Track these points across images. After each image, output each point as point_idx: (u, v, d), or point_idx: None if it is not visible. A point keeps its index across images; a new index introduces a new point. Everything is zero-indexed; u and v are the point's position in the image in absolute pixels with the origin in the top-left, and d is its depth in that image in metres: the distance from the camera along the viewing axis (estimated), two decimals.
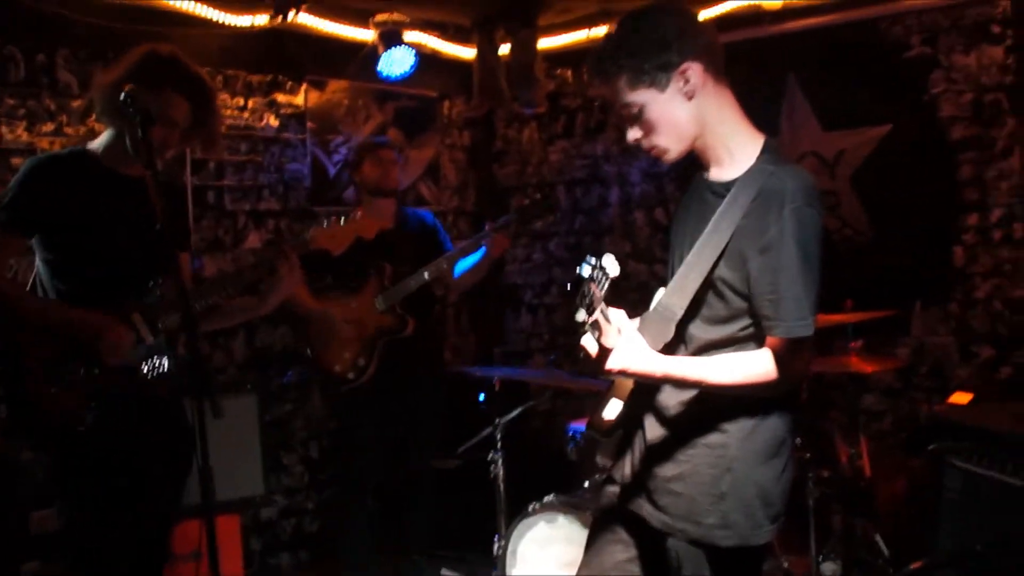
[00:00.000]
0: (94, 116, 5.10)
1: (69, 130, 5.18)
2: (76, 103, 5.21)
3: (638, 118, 2.67)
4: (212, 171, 5.87)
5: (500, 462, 4.82)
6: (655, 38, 2.59)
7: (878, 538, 4.82)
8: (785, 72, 6.23)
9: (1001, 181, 5.55)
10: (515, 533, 4.62)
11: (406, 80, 6.35)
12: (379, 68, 6.18)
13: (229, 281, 3.69)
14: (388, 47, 6.09)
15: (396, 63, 6.19)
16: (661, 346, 2.67)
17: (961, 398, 5.05)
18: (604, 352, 2.56)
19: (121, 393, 3.43)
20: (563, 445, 4.97)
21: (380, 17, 6.16)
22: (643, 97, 2.63)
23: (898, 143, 5.84)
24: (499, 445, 4.83)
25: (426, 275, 5.15)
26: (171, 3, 5.40)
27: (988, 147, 5.59)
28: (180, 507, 3.71)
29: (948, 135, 5.71)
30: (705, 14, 6.22)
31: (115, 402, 3.41)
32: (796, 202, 2.48)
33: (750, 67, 6.28)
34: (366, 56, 6.27)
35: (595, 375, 2.65)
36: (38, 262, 3.52)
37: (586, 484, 4.62)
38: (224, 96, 5.87)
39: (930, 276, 5.76)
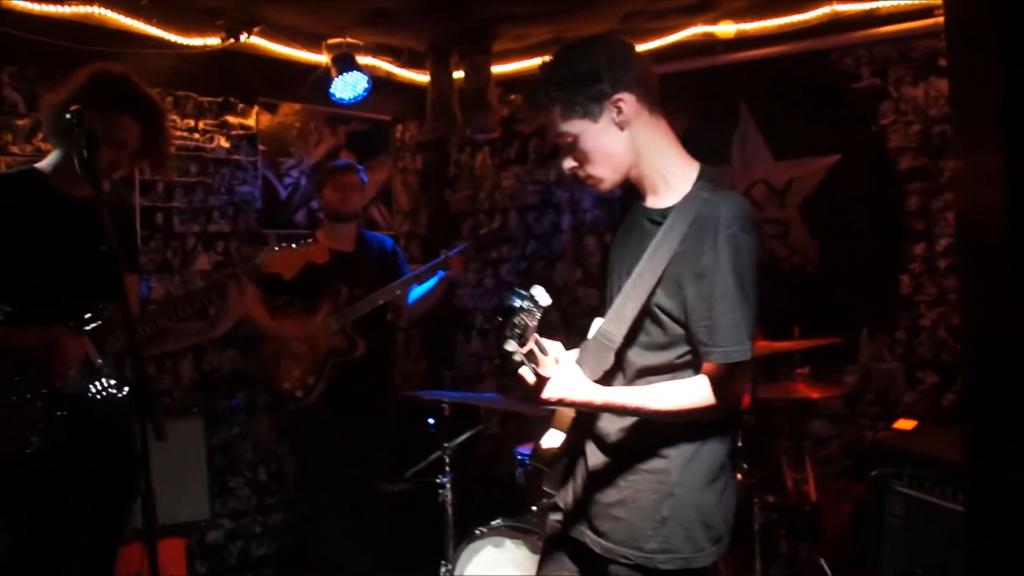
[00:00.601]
0: (40, 136, 5.15)
1: (15, 149, 5.18)
2: (22, 122, 5.22)
3: (573, 148, 2.76)
4: (161, 192, 5.90)
5: (449, 486, 4.85)
6: (587, 70, 2.68)
7: (823, 562, 4.91)
8: (737, 101, 6.38)
9: (947, 211, 5.69)
10: (462, 557, 4.66)
11: (359, 104, 6.42)
12: (332, 91, 6.24)
13: (179, 304, 3.73)
14: (341, 71, 6.15)
15: (349, 87, 6.26)
16: (600, 374, 2.76)
17: (905, 424, 5.16)
18: (541, 382, 2.65)
19: (68, 416, 3.44)
20: (512, 469, 5.03)
21: (333, 40, 6.23)
22: (577, 127, 2.72)
23: (847, 173, 5.99)
24: (448, 469, 4.87)
25: (379, 299, 5.24)
26: (122, 23, 5.42)
27: (935, 178, 5.76)
28: (126, 530, 3.73)
29: (896, 165, 5.87)
30: (659, 42, 6.36)
31: (62, 425, 3.43)
32: (731, 228, 2.56)
33: (703, 96, 6.44)
34: (319, 79, 6.34)
35: (534, 405, 2.73)
36: None
37: (534, 508, 4.68)
38: (174, 117, 5.91)
39: (877, 304, 5.90)
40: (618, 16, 5.93)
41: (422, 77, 6.91)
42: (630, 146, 2.73)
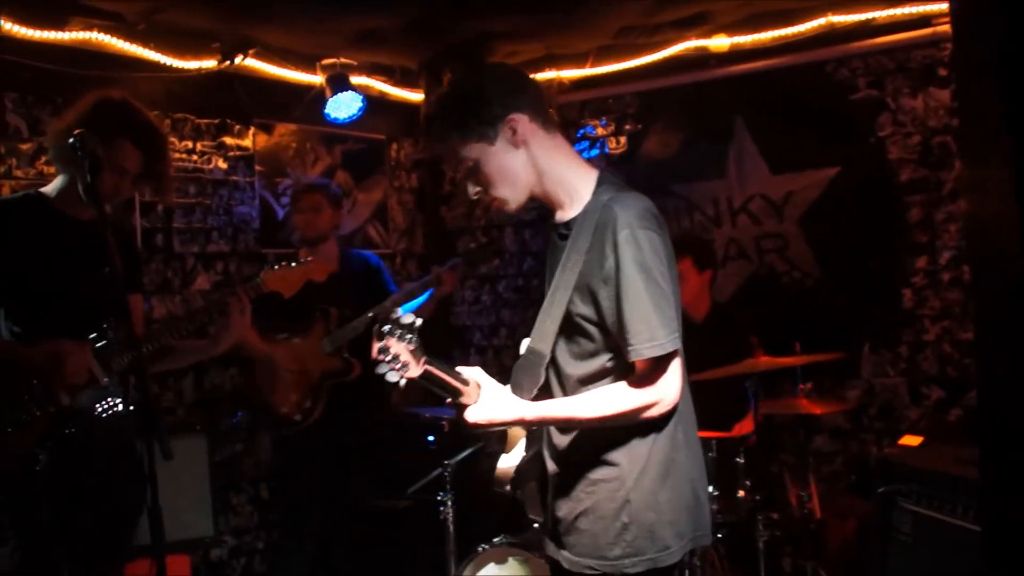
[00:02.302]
0: (44, 160, 5.27)
1: (19, 172, 5.27)
2: (25, 147, 5.32)
3: (475, 172, 2.83)
4: (161, 214, 5.98)
5: (450, 503, 4.87)
6: (478, 96, 2.79)
7: None
8: (732, 115, 6.42)
9: (950, 223, 5.73)
10: (465, 574, 4.65)
11: (354, 123, 6.52)
12: (327, 111, 6.33)
13: (180, 322, 3.80)
14: (335, 91, 6.24)
15: (343, 106, 6.35)
16: (536, 391, 2.84)
17: (911, 440, 5.14)
18: (461, 408, 2.77)
19: (75, 433, 3.50)
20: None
21: (327, 61, 6.34)
22: (475, 152, 2.79)
23: (846, 185, 6.03)
24: (449, 486, 4.88)
25: (371, 317, 5.17)
26: (120, 47, 5.52)
27: (936, 189, 5.79)
28: (131, 547, 3.76)
29: (896, 177, 5.91)
30: (653, 57, 6.41)
31: (69, 442, 3.49)
32: (629, 227, 2.63)
33: (698, 110, 6.48)
34: (313, 99, 6.43)
35: (464, 431, 2.83)
36: None
37: (535, 526, 4.67)
38: (172, 139, 5.98)
39: (879, 318, 5.93)
40: (611, 31, 5.99)
41: (416, 95, 6.98)
42: (529, 164, 2.82)
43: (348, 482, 5.38)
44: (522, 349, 2.94)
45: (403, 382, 2.66)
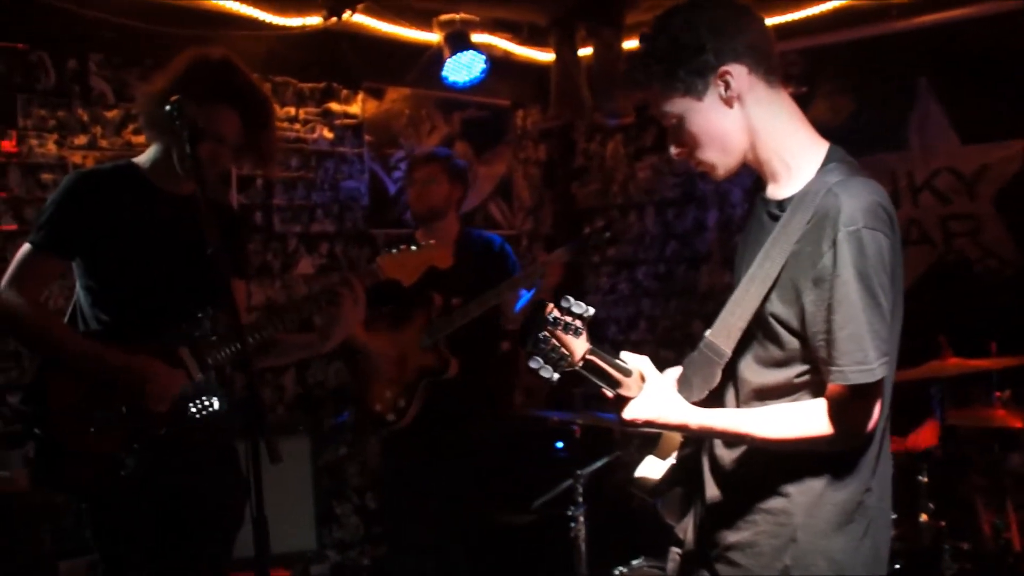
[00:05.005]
0: (132, 129, 5.32)
1: (104, 143, 5.34)
2: (111, 113, 5.38)
3: (678, 131, 2.67)
4: (260, 189, 6.03)
5: (581, 519, 4.84)
6: (687, 40, 2.59)
7: None
8: (915, 76, 6.25)
9: None
10: None
11: (475, 87, 6.49)
12: (444, 74, 6.30)
13: (286, 313, 3.77)
14: (454, 50, 6.21)
15: (463, 68, 6.32)
16: (706, 393, 2.68)
17: None
18: (621, 402, 2.61)
19: (166, 435, 3.49)
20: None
21: (445, 17, 6.29)
22: (680, 107, 2.63)
23: None
24: (580, 500, 4.85)
25: (475, 311, 5.07)
26: (214, 3, 5.58)
27: None
28: (230, 562, 3.77)
29: None
30: (819, 8, 6.30)
31: (159, 445, 3.48)
32: (855, 224, 2.42)
33: (873, 70, 6.35)
34: (430, 60, 6.40)
35: (618, 427, 2.68)
36: (78, 289, 3.61)
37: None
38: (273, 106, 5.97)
39: None
40: None
41: (545, 56, 6.95)
42: (743, 125, 2.63)
43: (459, 494, 5.32)
44: (701, 341, 2.74)
45: (556, 377, 2.52)
